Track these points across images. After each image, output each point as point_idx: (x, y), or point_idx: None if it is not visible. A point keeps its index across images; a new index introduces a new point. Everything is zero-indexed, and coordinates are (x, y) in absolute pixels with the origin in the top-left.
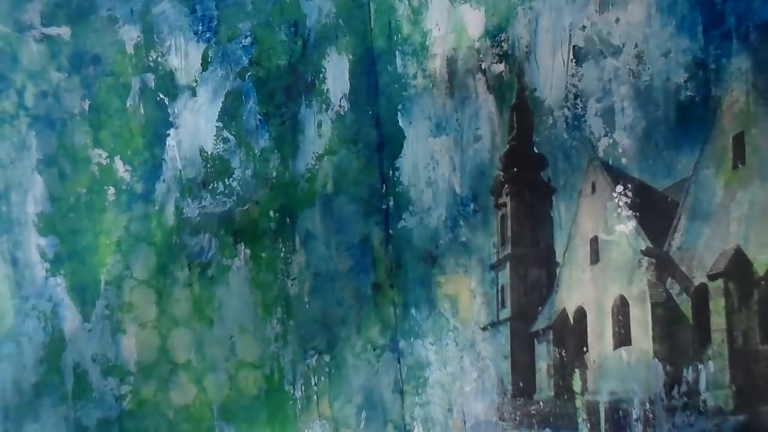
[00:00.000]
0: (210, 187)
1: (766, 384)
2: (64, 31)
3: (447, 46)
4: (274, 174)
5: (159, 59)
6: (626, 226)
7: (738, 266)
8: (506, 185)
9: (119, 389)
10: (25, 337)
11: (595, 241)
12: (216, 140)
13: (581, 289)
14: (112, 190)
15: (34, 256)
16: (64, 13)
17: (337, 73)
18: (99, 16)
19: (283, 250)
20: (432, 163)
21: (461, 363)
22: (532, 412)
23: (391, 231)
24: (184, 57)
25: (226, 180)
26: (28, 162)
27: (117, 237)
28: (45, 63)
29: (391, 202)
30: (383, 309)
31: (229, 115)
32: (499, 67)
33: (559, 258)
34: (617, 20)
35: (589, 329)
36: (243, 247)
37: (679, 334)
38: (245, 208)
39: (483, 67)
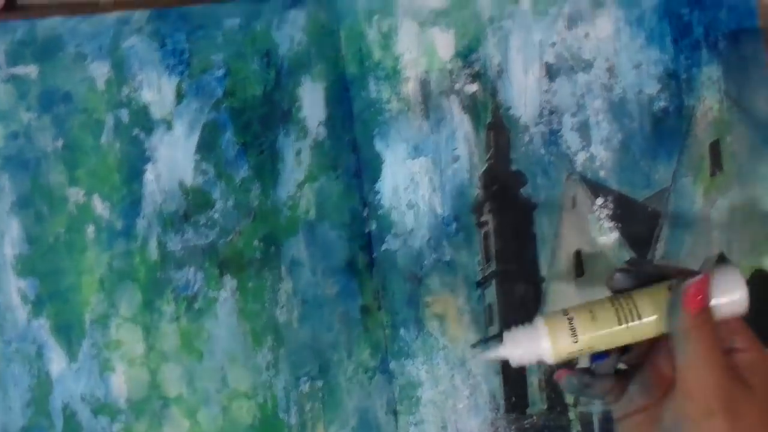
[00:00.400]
0: (192, 220)
1: None
2: (31, 70)
3: (419, 69)
4: (256, 203)
5: (131, 94)
6: (609, 238)
7: None
8: (487, 203)
9: (111, 428)
10: (10, 382)
11: (578, 254)
12: (195, 173)
13: (568, 303)
14: (91, 228)
15: (14, 299)
16: (30, 51)
17: (312, 101)
18: (67, 53)
19: (270, 278)
20: (412, 185)
21: (453, 381)
22: (526, 426)
23: (375, 254)
24: (157, 91)
25: (208, 212)
26: (3, 204)
27: (100, 275)
28: (14, 103)
29: (374, 226)
30: (372, 331)
31: (206, 147)
32: (473, 87)
33: (544, 273)
34: (587, 35)
35: None
36: (229, 278)
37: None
38: (229, 239)
39: (456, 88)
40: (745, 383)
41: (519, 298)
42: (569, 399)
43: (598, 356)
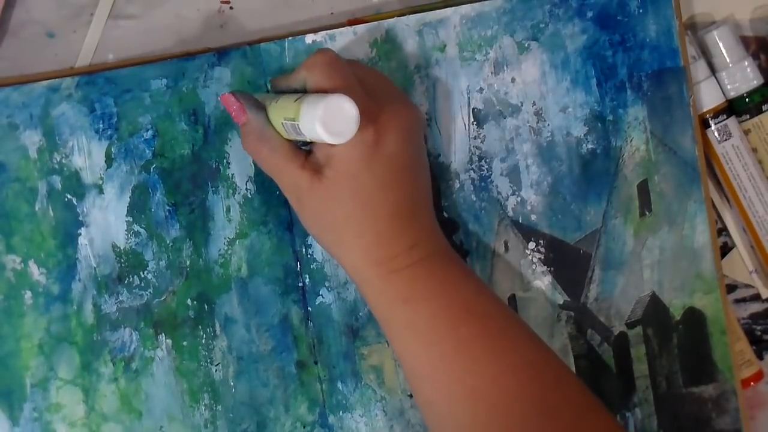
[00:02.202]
0: (126, 282)
1: (693, 426)
2: None
3: None
4: (188, 262)
5: (63, 161)
6: (542, 282)
7: (655, 312)
8: None
9: None
10: None
11: (513, 299)
12: (127, 235)
13: None
14: (29, 293)
15: None
16: None
17: (240, 157)
18: None
19: (204, 336)
20: None
21: None
22: None
23: (309, 308)
24: (87, 156)
25: (141, 273)
26: None
27: (38, 339)
28: None
29: (307, 280)
30: (309, 386)
31: (137, 208)
32: None
33: None
34: (513, 80)
35: None
36: (164, 338)
37: (604, 383)
38: (162, 299)
39: None
40: (317, 170)
41: None
42: None
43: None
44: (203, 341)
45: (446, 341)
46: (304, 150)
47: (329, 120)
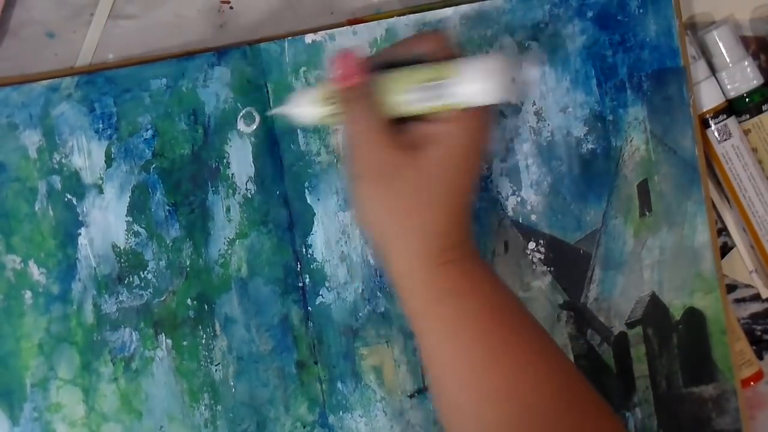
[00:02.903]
0: (126, 282)
1: (693, 426)
2: None
3: None
4: (188, 262)
5: (63, 160)
6: (542, 282)
7: (655, 312)
8: None
9: None
10: None
11: None
12: (127, 235)
13: None
14: (29, 293)
15: None
16: None
17: (240, 157)
18: None
19: (204, 336)
20: (344, 238)
21: None
22: None
23: (309, 308)
24: (87, 156)
25: (141, 273)
26: None
27: (38, 339)
28: None
29: (307, 280)
30: (309, 386)
31: (137, 208)
32: None
33: None
34: (513, 80)
35: None
36: (164, 338)
37: (604, 383)
38: (162, 299)
39: None
40: (411, 150)
41: None
42: None
43: None
44: (203, 341)
45: (483, 341)
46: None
47: (493, 78)
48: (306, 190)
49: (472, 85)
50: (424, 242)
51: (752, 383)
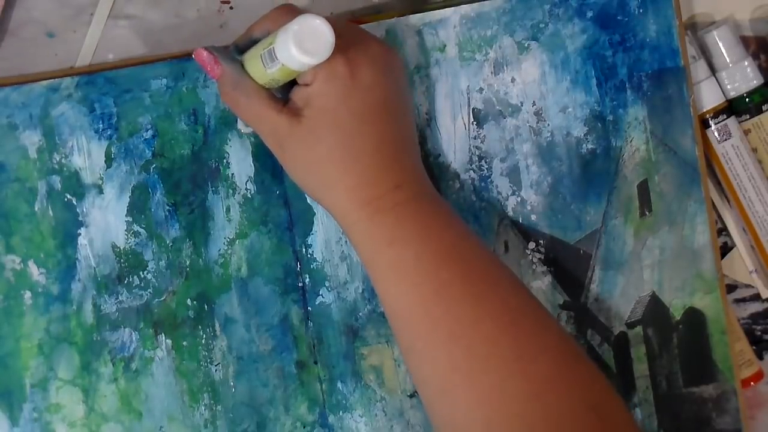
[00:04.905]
0: (125, 282)
1: (693, 426)
2: None
3: None
4: (188, 263)
5: (63, 161)
6: (542, 282)
7: (655, 312)
8: None
9: None
10: None
11: None
12: (127, 235)
13: None
14: (28, 294)
15: None
16: None
17: (240, 157)
18: None
19: (204, 336)
20: (344, 238)
21: None
22: None
23: (309, 308)
24: (87, 156)
25: (141, 273)
26: None
27: (38, 340)
28: None
29: (307, 280)
30: (309, 386)
31: (137, 208)
32: None
33: None
34: (513, 80)
35: None
36: (164, 338)
37: None
38: (162, 299)
39: None
40: (297, 116)
41: None
42: None
43: None
44: (203, 341)
45: (427, 284)
46: (282, 99)
47: (304, 38)
48: None
49: (286, 47)
50: (349, 195)
51: (752, 383)
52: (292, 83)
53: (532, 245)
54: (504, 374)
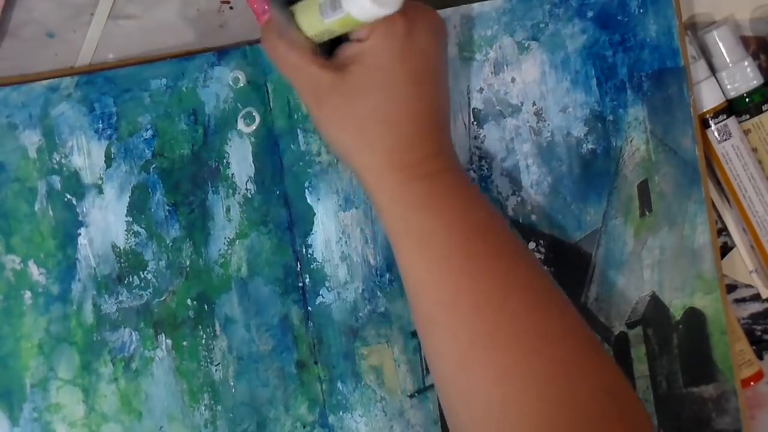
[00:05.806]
0: (125, 282)
1: (693, 426)
2: None
3: None
4: (188, 263)
5: (62, 160)
6: None
7: (655, 312)
8: None
9: None
10: None
11: None
12: (127, 235)
13: None
14: (28, 294)
15: None
16: None
17: (240, 157)
18: None
19: (204, 336)
20: (344, 238)
21: None
22: None
23: (309, 308)
24: (87, 156)
25: (141, 273)
26: None
27: (38, 340)
28: None
29: (307, 280)
30: (309, 386)
31: (137, 208)
32: None
33: None
34: (513, 80)
35: None
36: (164, 338)
37: None
38: (162, 299)
39: None
40: (342, 71)
41: None
42: None
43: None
44: (203, 341)
45: (456, 255)
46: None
47: None
48: (306, 190)
49: None
50: (387, 157)
51: (752, 383)
52: (333, 42)
53: (532, 245)
54: (526, 353)
